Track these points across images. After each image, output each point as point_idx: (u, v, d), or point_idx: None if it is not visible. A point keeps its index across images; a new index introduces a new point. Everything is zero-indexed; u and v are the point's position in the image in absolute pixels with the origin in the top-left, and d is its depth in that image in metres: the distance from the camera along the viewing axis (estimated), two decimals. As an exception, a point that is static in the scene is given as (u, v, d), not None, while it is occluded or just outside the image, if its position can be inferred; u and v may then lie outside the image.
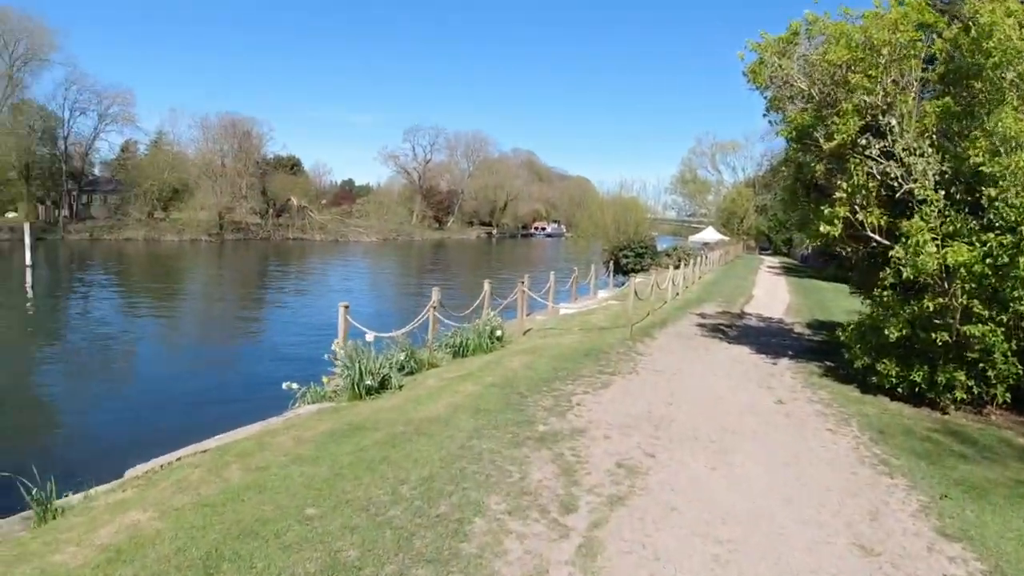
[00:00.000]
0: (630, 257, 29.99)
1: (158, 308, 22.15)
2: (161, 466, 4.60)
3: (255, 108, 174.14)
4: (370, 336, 7.80)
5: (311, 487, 3.85)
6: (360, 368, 6.97)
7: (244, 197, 70.88)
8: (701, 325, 12.34)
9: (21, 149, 56.14)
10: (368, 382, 6.86)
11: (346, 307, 10.45)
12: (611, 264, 29.72)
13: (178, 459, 4.69)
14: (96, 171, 68.68)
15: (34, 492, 3.95)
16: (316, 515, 3.46)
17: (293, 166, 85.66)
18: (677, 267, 29.12)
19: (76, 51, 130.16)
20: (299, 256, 51.33)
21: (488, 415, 5.53)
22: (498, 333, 9.73)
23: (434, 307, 11.59)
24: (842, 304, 17.97)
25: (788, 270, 36.00)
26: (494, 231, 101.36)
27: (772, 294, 20.14)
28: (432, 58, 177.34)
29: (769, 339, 11.22)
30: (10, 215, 57.87)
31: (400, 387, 7.02)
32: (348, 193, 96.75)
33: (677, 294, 16.16)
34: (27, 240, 33.73)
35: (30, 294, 24.32)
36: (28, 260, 31.77)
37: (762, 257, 52.12)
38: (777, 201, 57.26)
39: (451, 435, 4.93)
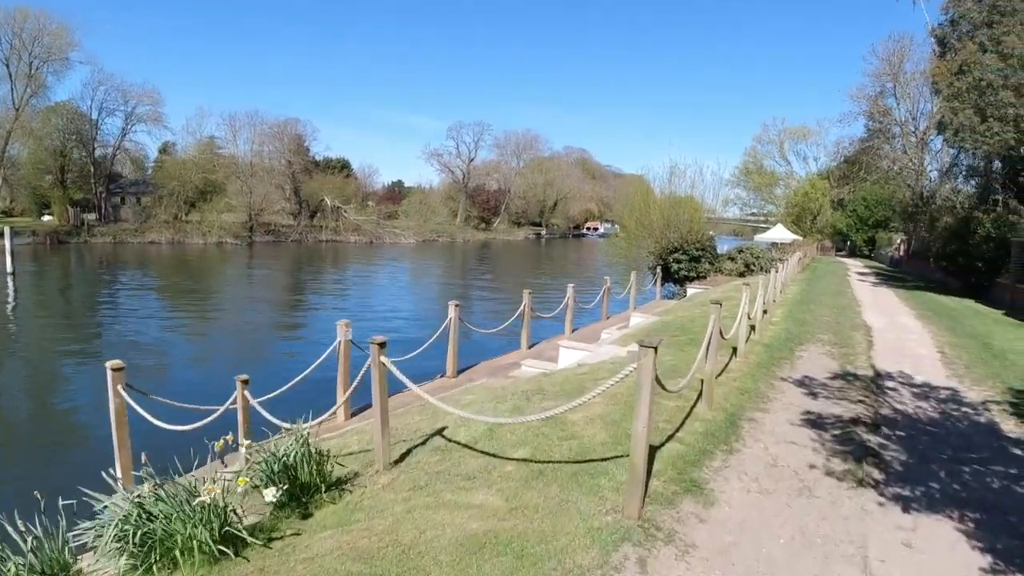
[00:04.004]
0: (683, 261, 23.71)
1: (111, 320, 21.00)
2: None
3: (314, 112, 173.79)
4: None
5: None
6: None
7: (287, 200, 68.30)
8: (814, 423, 6.06)
9: (53, 151, 54.83)
10: None
11: (244, 382, 6.11)
12: (658, 270, 23.78)
13: None
14: (128, 172, 67.41)
15: None
16: None
17: (342, 167, 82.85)
18: (744, 274, 22.74)
19: (101, 51, 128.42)
20: (329, 260, 47.58)
21: None
22: (273, 488, 3.86)
23: (245, 382, 6.07)
24: (1011, 339, 11.31)
25: (884, 277, 28.43)
26: (543, 231, 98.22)
27: (892, 321, 13.42)
28: (493, 60, 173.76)
29: (986, 475, 4.92)
30: (46, 218, 56.54)
31: None
32: (395, 194, 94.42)
33: (753, 328, 9.75)
34: (7, 245, 31.24)
35: (11, 304, 23.87)
36: (9, 267, 30.15)
37: (841, 260, 43.97)
38: (858, 196, 48.65)
39: None
